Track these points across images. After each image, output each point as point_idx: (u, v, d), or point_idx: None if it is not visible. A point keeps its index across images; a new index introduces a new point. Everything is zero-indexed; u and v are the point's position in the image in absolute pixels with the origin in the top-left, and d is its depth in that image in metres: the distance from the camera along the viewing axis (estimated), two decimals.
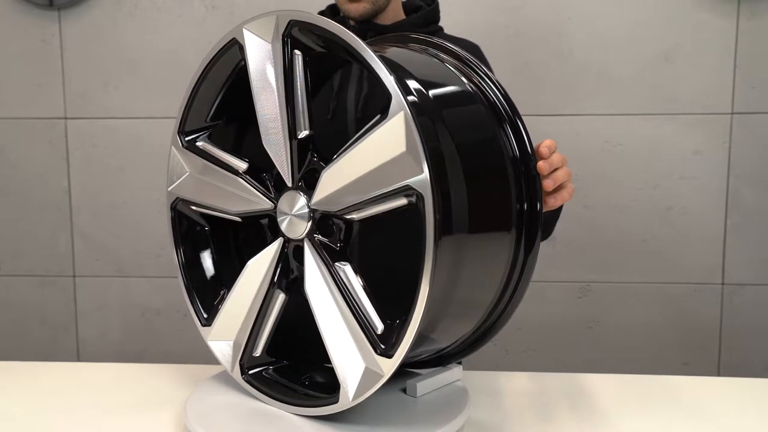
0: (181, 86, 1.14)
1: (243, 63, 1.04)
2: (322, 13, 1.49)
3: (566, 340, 2.24)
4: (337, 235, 1.00)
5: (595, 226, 2.19)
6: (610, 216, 2.18)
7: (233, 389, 1.13)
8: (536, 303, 2.22)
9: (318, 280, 0.98)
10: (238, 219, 1.12)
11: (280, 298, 1.07)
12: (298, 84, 0.96)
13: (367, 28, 1.43)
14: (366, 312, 0.94)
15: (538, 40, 2.14)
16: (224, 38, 1.05)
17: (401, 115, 0.85)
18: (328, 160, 0.97)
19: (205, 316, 1.16)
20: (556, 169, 1.04)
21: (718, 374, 2.20)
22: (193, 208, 1.17)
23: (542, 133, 1.05)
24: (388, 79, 0.86)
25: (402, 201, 0.88)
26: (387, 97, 0.87)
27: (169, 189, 1.18)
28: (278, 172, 1.03)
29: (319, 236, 1.01)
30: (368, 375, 0.92)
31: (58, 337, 2.38)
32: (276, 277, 1.05)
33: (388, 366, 0.90)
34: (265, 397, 1.08)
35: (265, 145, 1.00)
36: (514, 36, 2.14)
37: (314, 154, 1.00)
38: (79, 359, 2.38)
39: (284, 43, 0.95)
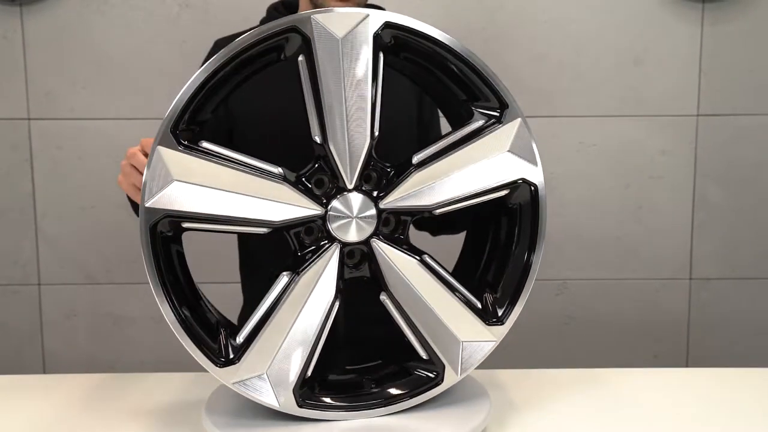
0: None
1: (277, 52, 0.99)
2: (274, 7, 1.41)
3: (545, 336, 2.29)
4: (402, 231, 1.05)
5: (571, 224, 2.25)
6: (585, 215, 2.24)
7: (246, 405, 1.06)
8: None
9: (399, 275, 1.01)
10: (262, 231, 0.98)
11: (336, 305, 1.04)
12: (380, 84, 0.97)
13: None
14: (464, 292, 1.06)
15: (515, 43, 2.18)
16: (275, 25, 0.93)
17: (518, 120, 1.02)
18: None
19: (222, 356, 0.99)
20: None
21: (687, 365, 2.30)
22: (187, 225, 0.95)
23: None
24: (505, 90, 1.03)
25: (503, 192, 1.05)
26: (473, 101, 1.02)
27: (149, 204, 0.90)
28: (319, 175, 1.01)
29: (384, 234, 1.02)
30: (469, 348, 1.06)
31: (23, 348, 2.27)
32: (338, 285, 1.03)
33: (500, 331, 1.09)
34: (343, 412, 1.04)
35: (330, 145, 0.97)
36: (491, 39, 2.18)
37: (375, 155, 1.02)
38: (45, 371, 2.27)
39: (375, 43, 0.94)
